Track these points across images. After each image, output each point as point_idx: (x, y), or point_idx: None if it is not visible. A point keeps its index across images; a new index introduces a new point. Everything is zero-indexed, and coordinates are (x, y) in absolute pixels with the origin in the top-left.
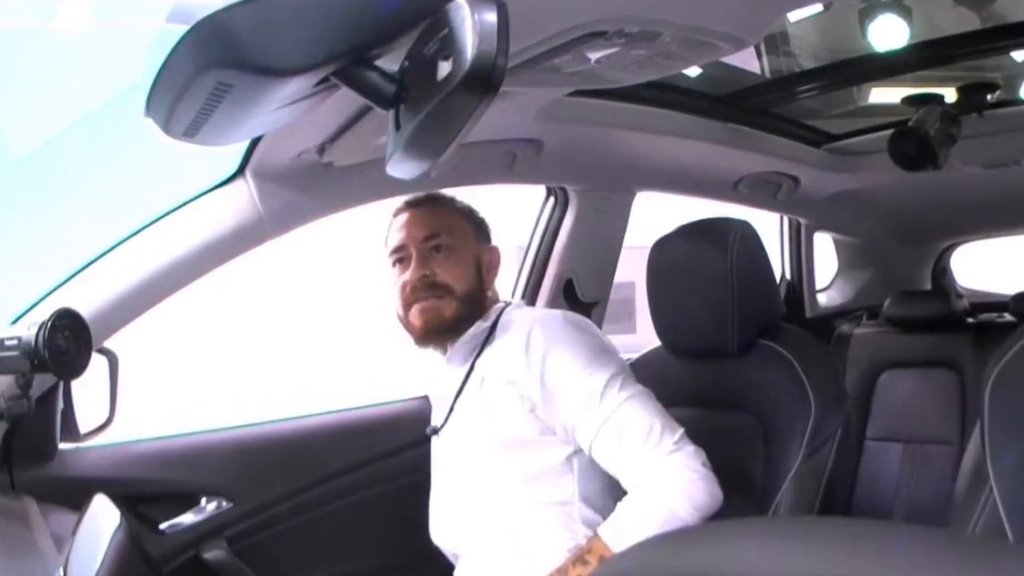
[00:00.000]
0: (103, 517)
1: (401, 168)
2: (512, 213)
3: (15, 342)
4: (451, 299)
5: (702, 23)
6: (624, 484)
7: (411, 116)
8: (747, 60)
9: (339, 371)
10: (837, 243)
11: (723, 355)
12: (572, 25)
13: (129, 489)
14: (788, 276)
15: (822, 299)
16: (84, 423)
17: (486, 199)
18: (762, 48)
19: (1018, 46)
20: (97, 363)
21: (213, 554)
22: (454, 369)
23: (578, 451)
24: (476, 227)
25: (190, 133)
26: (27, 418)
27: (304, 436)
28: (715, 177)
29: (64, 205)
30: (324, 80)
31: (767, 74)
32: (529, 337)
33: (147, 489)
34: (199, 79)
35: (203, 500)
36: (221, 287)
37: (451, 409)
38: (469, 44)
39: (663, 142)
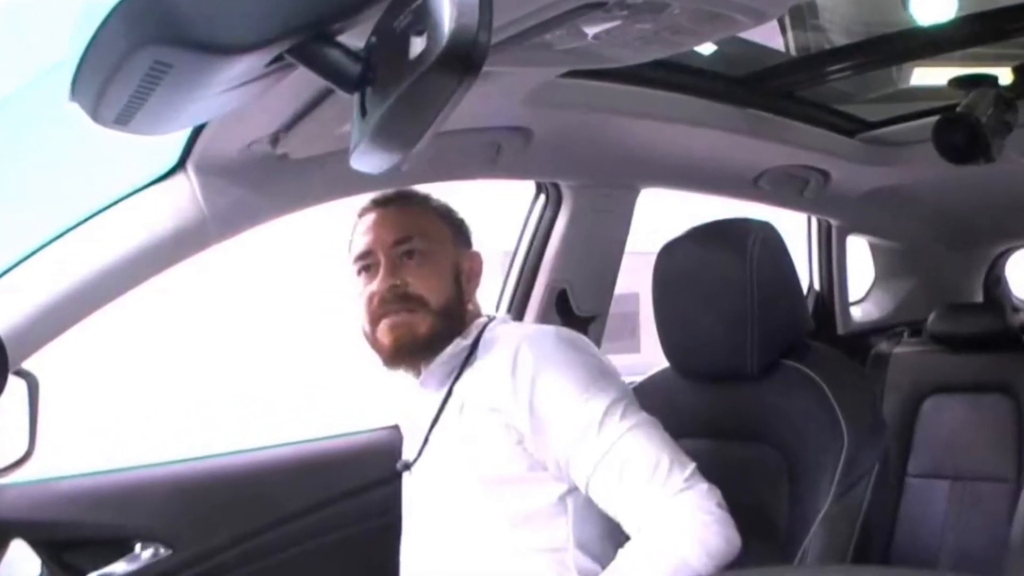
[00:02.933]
0: (21, 566)
1: (367, 161)
2: (497, 213)
3: None
4: (425, 313)
5: None
6: (626, 528)
7: (379, 100)
8: (769, 36)
9: (296, 396)
10: (874, 248)
11: (741, 378)
12: None
13: (51, 534)
14: (817, 286)
15: (856, 313)
16: None
17: (466, 197)
18: (787, 22)
19: None
20: (14, 387)
21: None
22: (429, 394)
23: (573, 490)
24: (455, 230)
25: (122, 120)
26: None
27: (255, 472)
28: (732, 171)
29: None
30: (278, 59)
31: (792, 52)
32: (516, 357)
33: (72, 534)
34: (132, 58)
35: (137, 547)
36: (159, 298)
37: (425, 441)
38: (446, 16)
39: (671, 131)
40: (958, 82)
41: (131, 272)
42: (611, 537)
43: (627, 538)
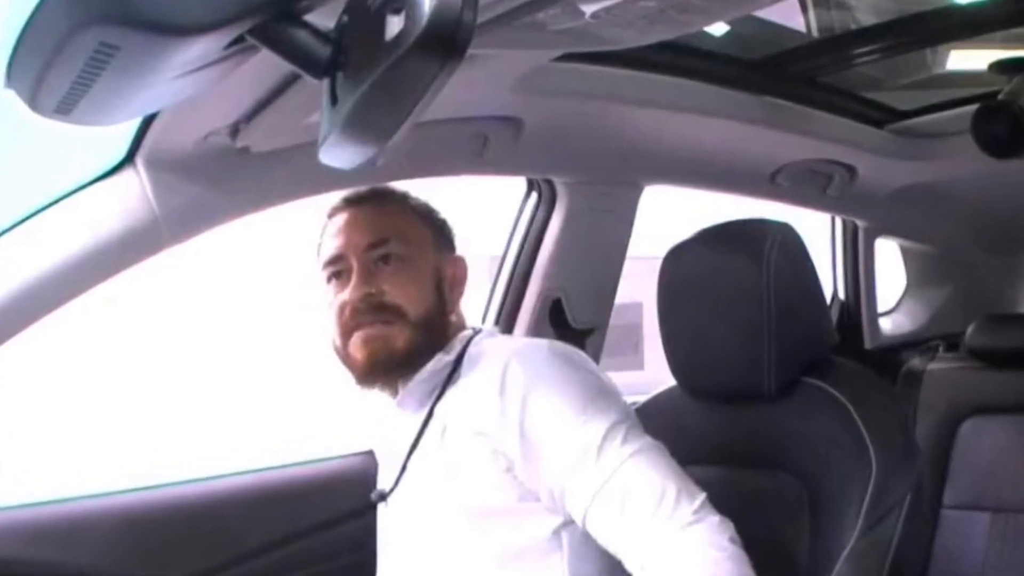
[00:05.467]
0: None
1: (338, 154)
2: (483, 213)
3: None
4: (403, 325)
5: None
6: (628, 565)
7: (351, 87)
8: (789, 15)
9: (257, 418)
10: (905, 252)
11: (757, 398)
12: None
13: None
14: (842, 295)
15: (886, 325)
16: None
17: (449, 195)
18: None
19: None
20: None
21: None
22: (407, 416)
23: (568, 523)
24: (436, 232)
25: (64, 109)
26: None
27: (213, 503)
28: (747, 166)
29: None
30: (238, 40)
31: (815, 33)
32: (505, 375)
33: (9, 571)
34: (75, 39)
35: None
36: (105, 308)
37: (403, 468)
38: None
39: (678, 121)
40: (1000, 67)
41: (74, 278)
42: (611, 575)
43: None
